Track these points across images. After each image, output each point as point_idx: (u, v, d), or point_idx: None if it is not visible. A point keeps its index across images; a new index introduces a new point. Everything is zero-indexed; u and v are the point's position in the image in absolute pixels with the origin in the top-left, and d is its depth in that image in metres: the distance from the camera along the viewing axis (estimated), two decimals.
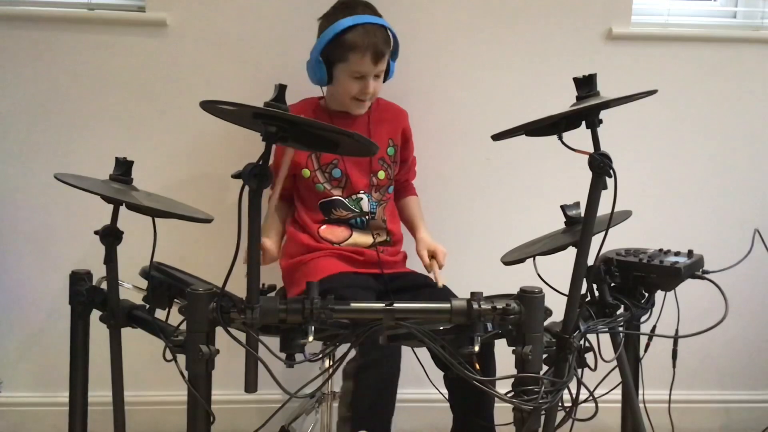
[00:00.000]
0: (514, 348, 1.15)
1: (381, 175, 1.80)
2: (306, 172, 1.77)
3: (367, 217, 1.78)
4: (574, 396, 1.19)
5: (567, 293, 1.16)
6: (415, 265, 1.84)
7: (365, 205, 1.78)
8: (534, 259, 1.37)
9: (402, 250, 1.86)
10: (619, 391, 1.44)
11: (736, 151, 2.10)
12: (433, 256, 1.70)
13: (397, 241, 1.85)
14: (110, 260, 1.29)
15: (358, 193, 1.78)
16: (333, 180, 1.77)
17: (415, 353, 1.57)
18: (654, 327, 1.44)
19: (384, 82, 1.77)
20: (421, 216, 1.88)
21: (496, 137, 1.20)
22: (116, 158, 1.33)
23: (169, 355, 1.17)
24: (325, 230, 1.77)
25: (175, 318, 1.22)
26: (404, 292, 1.69)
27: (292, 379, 1.16)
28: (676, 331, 1.44)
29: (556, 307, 1.18)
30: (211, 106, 1.09)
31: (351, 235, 1.77)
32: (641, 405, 1.47)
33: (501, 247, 1.51)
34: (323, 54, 1.68)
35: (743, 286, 2.01)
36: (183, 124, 1.97)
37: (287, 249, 1.81)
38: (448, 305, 1.15)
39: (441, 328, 1.22)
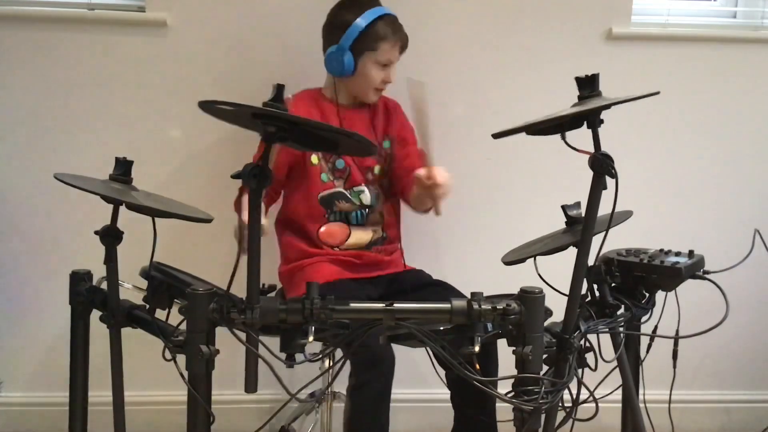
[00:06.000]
0: (514, 348, 1.15)
1: (377, 170, 1.82)
2: (315, 159, 1.77)
3: (366, 210, 1.78)
4: (574, 396, 1.19)
5: (567, 293, 1.16)
6: (414, 263, 1.84)
7: (366, 198, 1.79)
8: (534, 259, 1.36)
9: (399, 248, 1.86)
10: (619, 391, 1.44)
11: (737, 151, 2.10)
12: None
13: (394, 238, 1.85)
14: (110, 260, 1.29)
15: (360, 185, 1.78)
16: (336, 171, 1.78)
17: (427, 351, 1.57)
18: (656, 327, 1.44)
19: None
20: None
21: (497, 137, 1.20)
22: (116, 158, 1.32)
23: (169, 355, 1.17)
24: (324, 232, 1.76)
25: (175, 318, 1.21)
26: (407, 291, 1.69)
27: (292, 379, 1.16)
28: (677, 331, 1.44)
29: (557, 307, 1.18)
30: (209, 107, 1.09)
31: (350, 235, 1.77)
32: (641, 405, 1.47)
33: (501, 247, 1.51)
34: (361, 47, 1.72)
35: (744, 286, 1.99)
36: (183, 124, 1.97)
37: (286, 255, 1.81)
38: (448, 305, 1.14)
39: (441, 328, 1.22)
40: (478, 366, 1.14)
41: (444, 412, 1.69)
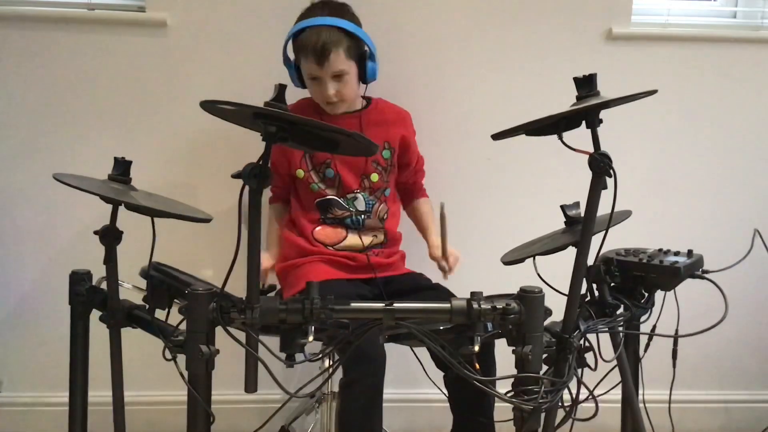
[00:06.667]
0: (514, 348, 1.15)
1: (374, 177, 1.78)
2: (300, 173, 1.77)
3: (363, 216, 1.78)
4: (574, 396, 1.19)
5: (567, 293, 1.16)
6: (415, 265, 1.84)
7: (360, 204, 1.78)
8: (534, 259, 1.36)
9: (400, 250, 1.86)
10: (619, 391, 1.44)
11: (736, 151, 2.10)
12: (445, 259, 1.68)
13: (394, 242, 1.84)
14: (110, 260, 1.29)
15: (353, 191, 1.78)
16: (326, 180, 1.77)
17: (417, 357, 1.57)
18: (654, 327, 1.44)
19: (367, 83, 1.75)
20: (433, 218, 1.85)
21: (496, 137, 1.20)
22: (115, 158, 1.33)
23: (169, 355, 1.17)
24: (319, 232, 1.76)
25: (175, 318, 1.22)
26: (402, 294, 1.67)
27: (292, 379, 1.16)
28: (676, 330, 1.44)
29: (556, 307, 1.18)
30: (211, 106, 1.09)
31: (345, 237, 1.77)
32: (641, 405, 1.47)
33: (501, 247, 1.51)
34: (295, 60, 1.71)
35: (743, 286, 2.00)
36: (183, 124, 1.97)
37: (282, 252, 1.81)
38: (448, 305, 1.15)
39: (441, 328, 1.22)
40: (478, 366, 1.14)
41: (441, 412, 1.68)
